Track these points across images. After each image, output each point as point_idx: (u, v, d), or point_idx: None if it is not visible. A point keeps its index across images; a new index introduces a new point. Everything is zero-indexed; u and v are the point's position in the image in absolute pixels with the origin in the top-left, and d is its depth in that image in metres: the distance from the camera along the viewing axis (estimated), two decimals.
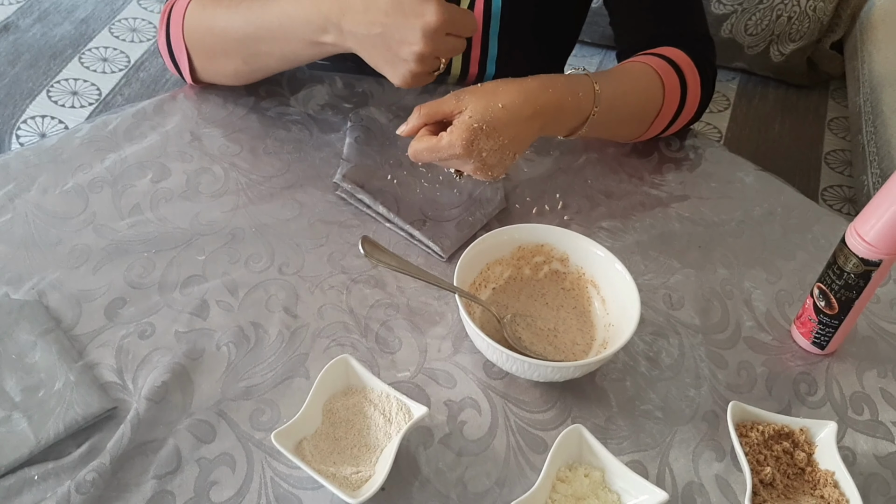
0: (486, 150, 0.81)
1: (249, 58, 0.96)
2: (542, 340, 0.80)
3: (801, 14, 1.83)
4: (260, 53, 0.94)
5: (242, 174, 0.95)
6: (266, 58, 0.95)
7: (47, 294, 0.81)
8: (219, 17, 0.94)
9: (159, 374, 0.74)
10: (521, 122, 0.83)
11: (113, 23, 1.83)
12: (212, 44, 0.96)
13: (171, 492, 0.68)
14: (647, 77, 0.95)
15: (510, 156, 0.84)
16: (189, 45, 0.98)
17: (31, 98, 1.60)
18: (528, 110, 0.83)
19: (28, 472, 0.67)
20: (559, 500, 0.68)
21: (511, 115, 0.82)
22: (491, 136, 0.81)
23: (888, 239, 0.72)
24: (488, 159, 0.82)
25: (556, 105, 0.85)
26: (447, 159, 0.83)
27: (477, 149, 0.81)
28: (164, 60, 1.04)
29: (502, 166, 0.84)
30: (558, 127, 0.89)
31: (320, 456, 0.69)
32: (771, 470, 0.70)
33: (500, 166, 0.84)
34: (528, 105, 0.83)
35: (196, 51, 0.98)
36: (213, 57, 0.98)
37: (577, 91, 0.87)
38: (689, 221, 0.95)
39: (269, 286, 0.84)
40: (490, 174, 0.84)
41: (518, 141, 0.84)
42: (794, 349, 0.84)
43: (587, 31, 1.76)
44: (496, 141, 0.81)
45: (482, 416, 0.75)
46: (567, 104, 0.86)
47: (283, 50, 0.92)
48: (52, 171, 0.93)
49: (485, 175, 0.84)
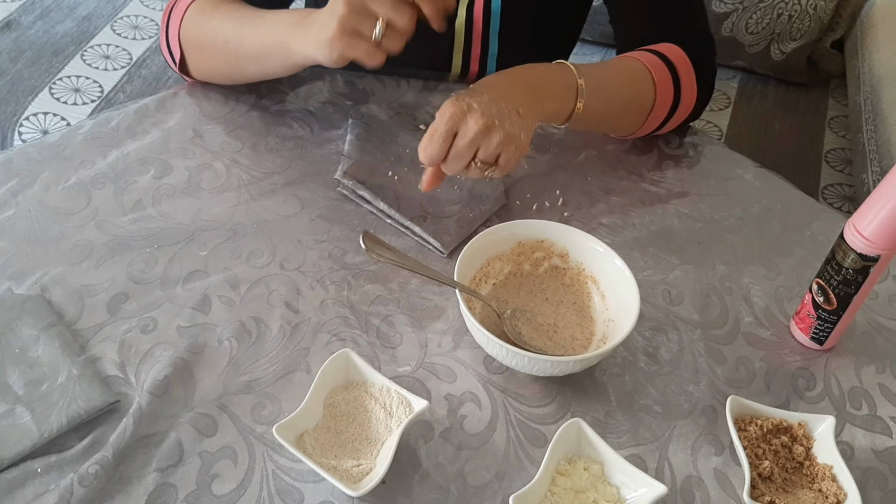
0: (477, 103, 0.78)
1: (230, 64, 0.97)
2: (541, 335, 0.81)
3: (801, 13, 1.84)
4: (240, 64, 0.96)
5: (244, 170, 0.96)
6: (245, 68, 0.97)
7: (50, 289, 0.81)
8: (213, 21, 0.95)
9: (161, 369, 0.75)
10: (500, 84, 0.84)
11: (115, 20, 1.84)
12: (201, 44, 0.98)
13: (173, 485, 0.68)
14: (631, 64, 0.96)
15: (512, 110, 0.80)
16: (182, 42, 0.99)
17: (33, 95, 1.60)
18: (503, 76, 0.85)
19: (31, 465, 0.68)
20: (558, 493, 0.68)
21: (486, 82, 0.84)
22: (474, 95, 0.80)
23: (886, 234, 0.73)
24: (485, 110, 0.78)
25: (534, 74, 0.87)
26: (449, 130, 0.79)
27: (467, 104, 0.78)
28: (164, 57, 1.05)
29: (511, 121, 0.80)
30: (552, 99, 0.87)
31: (321, 449, 0.69)
32: (769, 464, 0.71)
33: (508, 120, 0.80)
34: (502, 74, 0.85)
35: (187, 47, 1.00)
36: (202, 56, 0.99)
37: (549, 66, 0.89)
38: (688, 218, 0.96)
39: (271, 281, 0.84)
40: (502, 127, 0.79)
41: (509, 99, 0.81)
42: (793, 345, 0.84)
43: (588, 29, 1.76)
44: (482, 97, 0.80)
45: (482, 411, 0.75)
46: (546, 74, 0.87)
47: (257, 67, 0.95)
48: (54, 167, 0.94)
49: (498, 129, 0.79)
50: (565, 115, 0.90)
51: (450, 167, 0.82)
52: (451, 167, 0.82)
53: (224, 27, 0.94)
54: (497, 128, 0.79)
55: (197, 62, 1.01)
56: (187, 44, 0.99)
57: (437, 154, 0.80)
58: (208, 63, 1.00)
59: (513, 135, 0.80)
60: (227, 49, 0.94)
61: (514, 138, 0.80)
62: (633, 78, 0.95)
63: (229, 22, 0.94)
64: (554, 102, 0.87)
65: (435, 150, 0.80)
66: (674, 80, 0.96)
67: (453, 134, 0.79)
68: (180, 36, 0.98)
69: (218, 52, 0.96)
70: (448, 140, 0.80)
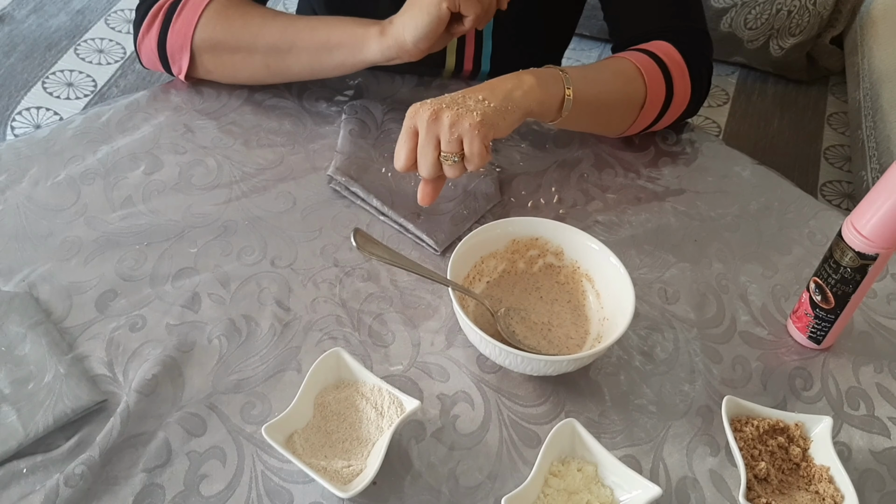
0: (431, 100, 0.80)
1: (271, 64, 0.98)
2: (535, 334, 0.80)
3: (800, 9, 1.83)
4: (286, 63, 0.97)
5: (235, 166, 0.95)
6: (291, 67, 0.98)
7: (38, 286, 0.80)
8: (250, 24, 0.97)
9: (150, 367, 0.74)
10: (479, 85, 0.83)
11: (109, 14, 1.83)
12: (233, 46, 0.98)
13: (160, 485, 0.67)
14: (620, 64, 0.95)
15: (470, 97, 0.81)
16: (197, 46, 0.98)
17: (26, 89, 1.59)
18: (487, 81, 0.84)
19: (17, 465, 0.67)
20: (552, 494, 0.67)
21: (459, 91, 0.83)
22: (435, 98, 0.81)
23: (885, 233, 0.72)
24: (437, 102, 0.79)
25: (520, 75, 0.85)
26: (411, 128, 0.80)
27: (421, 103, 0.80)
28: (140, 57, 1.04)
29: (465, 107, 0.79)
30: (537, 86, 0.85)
31: (311, 449, 0.68)
32: (765, 465, 0.70)
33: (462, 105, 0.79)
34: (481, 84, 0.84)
35: (205, 51, 0.98)
36: (229, 59, 0.99)
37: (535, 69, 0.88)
38: (684, 215, 0.95)
39: (262, 279, 0.83)
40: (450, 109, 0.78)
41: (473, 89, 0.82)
42: (790, 344, 0.83)
43: (585, 24, 1.76)
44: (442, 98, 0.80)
45: (475, 410, 0.74)
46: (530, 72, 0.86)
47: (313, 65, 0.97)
48: (43, 162, 0.93)
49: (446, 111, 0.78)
50: (556, 103, 0.87)
51: (421, 168, 0.81)
52: (422, 167, 0.81)
53: (267, 29, 0.96)
54: (444, 109, 0.79)
55: (220, 65, 1.00)
56: (204, 49, 0.98)
57: (403, 156, 0.81)
58: (239, 65, 0.99)
59: (462, 113, 0.79)
60: (274, 51, 0.96)
61: (465, 115, 0.79)
62: (618, 72, 0.94)
63: (274, 24, 0.96)
64: (540, 91, 0.85)
65: (400, 153, 0.81)
66: (665, 75, 0.95)
67: (414, 133, 0.80)
68: (194, 40, 0.97)
69: (259, 54, 0.97)
70: (411, 139, 0.81)
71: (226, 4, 0.98)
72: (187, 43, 0.98)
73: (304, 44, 0.95)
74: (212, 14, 0.97)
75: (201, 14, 0.97)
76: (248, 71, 1.01)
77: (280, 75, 1.01)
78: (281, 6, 2.01)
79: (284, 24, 0.96)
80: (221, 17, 0.97)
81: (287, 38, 0.96)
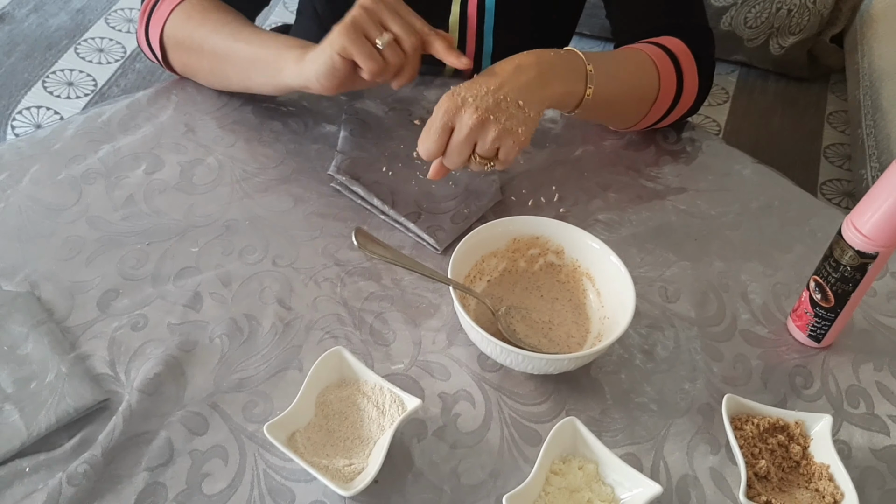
0: (472, 97, 0.78)
1: (214, 71, 0.98)
2: (536, 333, 0.80)
3: (801, 7, 1.83)
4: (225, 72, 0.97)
5: (237, 166, 0.95)
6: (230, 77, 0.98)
7: (40, 285, 0.81)
8: (203, 27, 0.96)
9: (152, 366, 0.74)
10: (505, 73, 0.81)
11: (109, 13, 1.83)
12: (188, 46, 0.98)
13: (163, 484, 0.67)
14: (636, 55, 0.95)
15: (512, 102, 0.79)
16: (165, 42, 0.99)
17: (26, 89, 1.59)
18: (508, 65, 0.82)
19: (20, 464, 0.67)
20: (553, 492, 0.67)
21: (489, 71, 0.81)
22: (471, 88, 0.79)
23: (884, 231, 0.72)
24: (480, 103, 0.78)
25: (543, 59, 0.83)
26: (445, 126, 0.79)
27: (462, 98, 0.78)
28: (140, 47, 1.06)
29: (508, 114, 0.79)
30: (560, 82, 0.85)
31: (313, 448, 0.69)
32: (766, 463, 0.70)
33: (505, 113, 0.79)
34: (508, 62, 0.82)
35: (170, 48, 1.00)
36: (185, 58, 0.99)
37: (558, 51, 0.87)
38: (685, 214, 0.95)
39: (263, 278, 0.83)
40: (497, 122, 0.78)
41: (510, 88, 0.80)
42: (790, 342, 0.83)
43: (586, 23, 1.75)
44: (479, 90, 0.79)
45: (476, 409, 0.75)
46: (554, 59, 0.85)
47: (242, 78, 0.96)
48: (45, 161, 0.93)
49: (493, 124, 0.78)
50: (575, 100, 0.88)
51: (449, 161, 0.81)
52: (451, 162, 0.81)
53: (215, 36, 0.95)
54: (492, 122, 0.78)
55: (179, 62, 1.01)
56: (170, 45, 0.99)
57: (434, 148, 0.80)
58: (193, 65, 1.00)
59: (509, 129, 0.79)
60: (215, 56, 0.96)
61: (511, 132, 0.79)
62: (638, 67, 0.94)
63: (222, 32, 0.95)
64: (562, 86, 0.85)
65: (431, 144, 0.80)
66: (677, 71, 0.95)
67: (450, 129, 0.79)
68: (163, 36, 0.98)
69: (205, 57, 0.97)
70: (444, 135, 0.79)
71: (196, 3, 0.97)
72: (156, 36, 0.99)
73: (239, 56, 0.93)
74: (180, 11, 0.97)
75: (173, 9, 0.97)
76: (200, 73, 1.01)
77: (223, 83, 1.00)
78: (280, 6, 2.01)
79: (231, 32, 0.94)
80: (185, 16, 0.97)
81: (227, 47, 0.94)
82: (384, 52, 0.81)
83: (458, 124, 0.79)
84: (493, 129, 0.78)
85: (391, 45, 0.81)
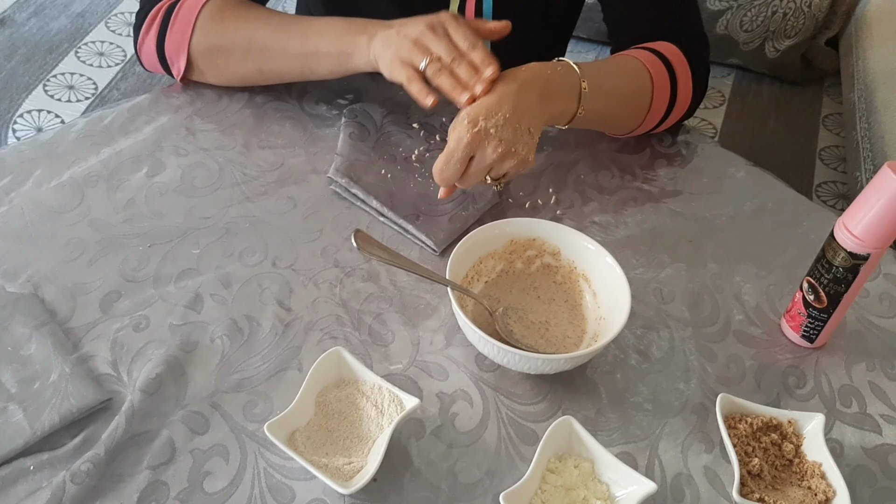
0: (493, 127, 0.81)
1: (264, 68, 0.99)
2: (533, 333, 0.81)
3: (796, 10, 1.84)
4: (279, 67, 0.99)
5: (237, 169, 0.96)
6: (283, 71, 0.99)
7: (42, 287, 0.81)
8: (244, 27, 0.97)
9: (153, 367, 0.75)
10: (513, 96, 0.82)
11: (109, 17, 1.84)
12: (228, 49, 0.98)
13: (164, 482, 0.68)
14: (631, 63, 0.96)
15: (524, 130, 0.83)
16: (194, 49, 0.99)
17: (27, 92, 1.60)
18: (513, 86, 0.83)
19: (23, 463, 0.68)
20: (549, 490, 0.68)
21: (499, 95, 0.82)
22: (489, 116, 0.81)
23: (876, 233, 0.73)
24: (502, 135, 0.81)
25: (541, 78, 0.86)
26: (466, 157, 0.82)
27: (484, 129, 0.80)
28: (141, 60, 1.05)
29: (523, 143, 0.83)
30: (557, 101, 0.88)
31: (313, 447, 0.70)
32: (759, 461, 0.71)
33: (521, 142, 0.82)
34: (512, 82, 0.83)
35: (202, 54, 0.99)
36: (224, 62, 1.00)
37: (555, 67, 0.88)
38: (680, 216, 0.96)
39: (263, 280, 0.84)
40: (516, 153, 0.82)
41: (521, 113, 0.82)
42: (784, 342, 0.84)
43: (582, 27, 1.77)
44: (497, 118, 0.81)
45: (474, 408, 0.75)
46: (552, 77, 0.87)
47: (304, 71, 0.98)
48: (47, 165, 0.94)
49: (512, 156, 0.82)
50: (567, 118, 0.91)
51: (464, 184, 0.85)
52: (465, 184, 0.85)
53: (261, 33, 0.96)
54: (513, 154, 0.83)
55: (214, 67, 1.01)
56: (202, 52, 0.99)
57: (454, 178, 0.83)
58: (234, 69, 1.00)
59: (524, 158, 0.84)
60: (264, 55, 0.97)
61: (525, 161, 0.84)
62: (632, 78, 0.95)
63: (267, 28, 0.96)
64: (559, 105, 0.88)
65: (451, 174, 0.83)
66: (671, 79, 0.97)
67: (470, 158, 0.82)
68: (191, 43, 0.98)
69: (252, 58, 0.98)
70: (465, 165, 0.82)
71: (221, 6, 0.98)
72: (184, 46, 0.99)
73: (295, 50, 0.95)
74: (207, 16, 0.97)
75: (197, 16, 0.97)
76: (241, 73, 1.01)
77: (272, 78, 1.02)
78: (280, 7, 2.02)
79: (276, 28, 0.96)
80: (217, 20, 0.97)
81: (279, 43, 0.96)
82: (427, 73, 0.85)
83: (481, 155, 0.82)
84: (512, 160, 0.83)
85: (433, 65, 0.84)
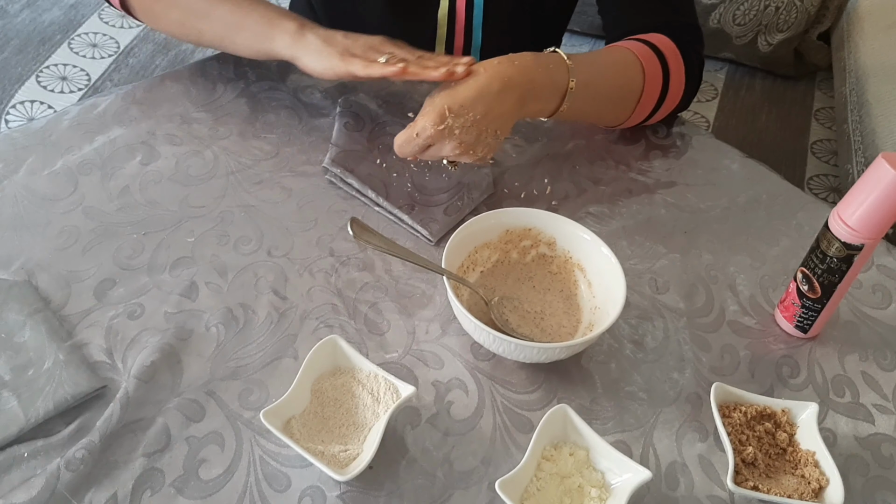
0: (459, 128, 0.81)
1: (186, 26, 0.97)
2: (528, 323, 0.81)
3: (788, 4, 1.84)
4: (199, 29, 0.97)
5: (232, 157, 0.95)
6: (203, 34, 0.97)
7: (36, 274, 0.81)
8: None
9: (148, 354, 0.75)
10: (491, 97, 0.83)
11: (102, 8, 1.83)
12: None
13: (160, 469, 0.68)
14: (624, 57, 0.96)
15: (490, 133, 0.84)
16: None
17: (19, 83, 1.59)
18: (496, 85, 0.83)
19: (18, 450, 0.68)
20: (544, 478, 0.68)
21: (478, 92, 0.82)
22: (460, 113, 0.81)
23: (870, 223, 0.73)
24: (464, 137, 0.82)
25: (526, 78, 0.85)
26: (426, 145, 0.83)
27: (449, 128, 0.81)
28: None
29: (484, 145, 0.84)
30: (536, 102, 0.88)
31: (308, 434, 0.70)
32: (753, 450, 0.71)
33: (482, 145, 0.84)
34: (496, 80, 0.83)
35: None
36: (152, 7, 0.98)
37: (546, 63, 0.88)
38: (675, 207, 0.96)
39: (258, 268, 0.84)
40: (473, 154, 0.84)
41: (493, 117, 0.83)
42: (777, 333, 0.85)
43: (576, 20, 1.77)
44: (466, 118, 0.81)
45: (469, 397, 0.76)
46: (538, 76, 0.87)
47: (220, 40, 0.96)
48: (40, 152, 0.93)
49: (469, 155, 0.84)
50: (547, 114, 0.92)
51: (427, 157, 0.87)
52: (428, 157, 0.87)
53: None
54: (470, 155, 0.85)
55: (141, 5, 0.99)
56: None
57: (411, 156, 0.87)
58: (158, 12, 0.98)
59: (481, 156, 0.86)
60: (190, 10, 0.95)
61: (481, 159, 0.86)
62: (623, 73, 0.95)
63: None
64: (538, 104, 0.89)
65: (409, 153, 0.86)
66: (663, 71, 0.97)
67: (429, 146, 0.84)
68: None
69: (177, 8, 0.96)
70: (423, 150, 0.85)
71: None
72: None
73: (220, 15, 0.94)
74: None
75: None
76: (164, 22, 0.99)
77: (191, 37, 0.99)
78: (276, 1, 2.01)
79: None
80: None
81: (209, 3, 0.94)
82: None
83: (439, 147, 0.84)
84: (466, 157, 0.85)
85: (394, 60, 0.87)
